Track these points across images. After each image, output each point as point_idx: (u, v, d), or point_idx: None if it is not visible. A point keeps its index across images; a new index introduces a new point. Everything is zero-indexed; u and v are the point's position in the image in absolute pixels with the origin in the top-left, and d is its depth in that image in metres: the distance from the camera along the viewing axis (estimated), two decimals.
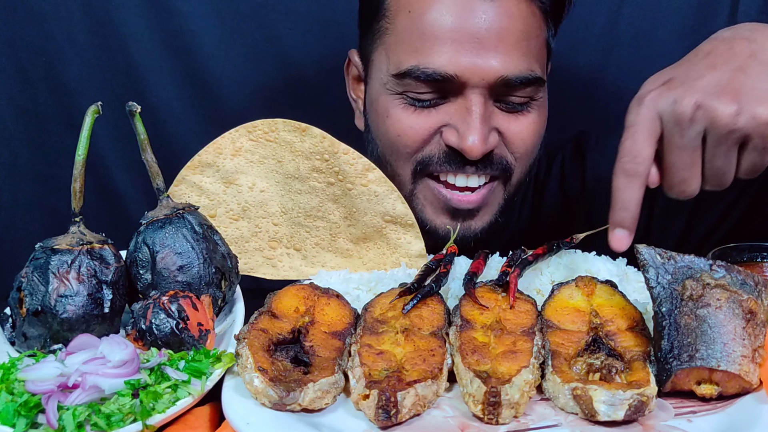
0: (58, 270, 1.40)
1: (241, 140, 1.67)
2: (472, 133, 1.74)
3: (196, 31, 2.39)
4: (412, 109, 1.81)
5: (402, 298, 1.45)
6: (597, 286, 1.48)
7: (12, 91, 2.39)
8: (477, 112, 1.75)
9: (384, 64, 1.84)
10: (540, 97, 1.86)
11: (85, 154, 1.48)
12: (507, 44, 1.75)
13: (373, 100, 1.90)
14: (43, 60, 2.37)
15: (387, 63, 1.83)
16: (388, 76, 1.82)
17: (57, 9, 2.35)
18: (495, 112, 1.80)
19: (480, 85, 1.75)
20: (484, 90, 1.76)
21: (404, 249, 1.71)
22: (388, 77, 1.82)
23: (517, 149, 1.85)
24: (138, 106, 1.53)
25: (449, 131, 1.79)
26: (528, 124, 1.84)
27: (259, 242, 1.73)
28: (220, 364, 1.32)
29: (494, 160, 1.82)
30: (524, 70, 1.77)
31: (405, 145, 1.83)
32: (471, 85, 1.75)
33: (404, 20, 1.80)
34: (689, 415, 1.25)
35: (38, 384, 1.23)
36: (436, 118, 1.80)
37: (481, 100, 1.76)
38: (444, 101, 1.80)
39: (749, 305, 1.30)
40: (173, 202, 1.55)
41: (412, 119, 1.81)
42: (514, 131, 1.83)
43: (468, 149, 1.75)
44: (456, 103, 1.78)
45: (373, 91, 1.90)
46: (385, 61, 1.84)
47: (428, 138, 1.82)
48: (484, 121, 1.75)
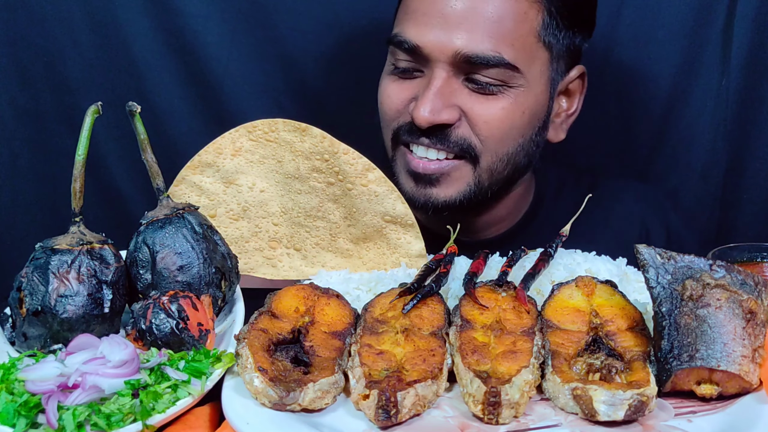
0: (58, 270, 1.40)
1: (241, 140, 1.67)
2: (422, 103, 1.84)
3: (197, 31, 2.39)
4: (394, 78, 1.95)
5: (402, 298, 1.45)
6: (597, 286, 1.48)
7: (12, 90, 2.39)
8: (434, 86, 1.84)
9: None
10: (518, 85, 1.88)
11: (85, 154, 1.48)
12: (471, 23, 1.83)
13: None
14: (43, 60, 2.37)
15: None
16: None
17: (58, 9, 2.34)
18: (461, 90, 1.87)
19: (441, 59, 1.84)
20: (447, 65, 1.85)
21: (404, 249, 1.71)
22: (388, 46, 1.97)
23: (481, 131, 1.89)
24: (138, 106, 1.53)
25: (413, 102, 1.89)
26: (496, 109, 1.88)
27: (259, 242, 1.73)
28: (220, 364, 1.32)
29: (451, 138, 1.88)
30: (487, 51, 1.82)
31: (384, 113, 1.98)
32: (433, 58, 1.85)
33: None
34: (689, 415, 1.25)
35: (38, 384, 1.23)
36: (407, 91, 1.92)
37: (442, 74, 1.85)
38: (418, 75, 1.91)
39: (749, 305, 1.30)
40: (173, 202, 1.55)
41: (392, 88, 1.95)
42: (477, 112, 1.88)
43: (415, 117, 1.85)
44: (425, 77, 1.89)
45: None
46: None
47: (402, 109, 1.93)
48: (438, 94, 1.84)
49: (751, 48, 2.38)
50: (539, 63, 1.92)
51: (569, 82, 2.04)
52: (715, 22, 2.39)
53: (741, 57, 2.39)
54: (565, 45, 1.96)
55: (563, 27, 1.93)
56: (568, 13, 1.93)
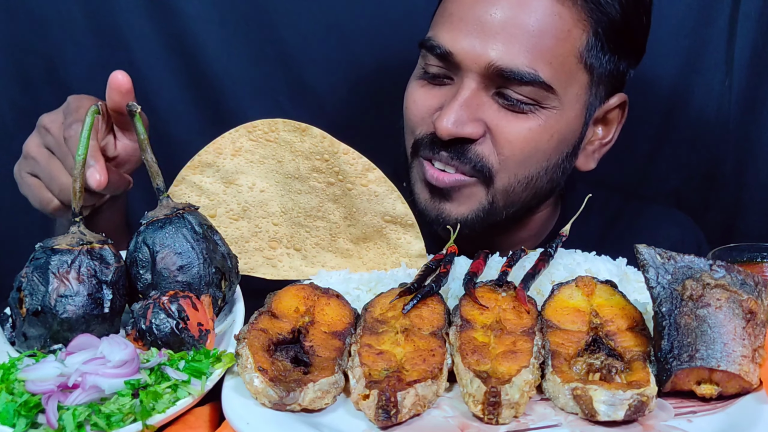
0: (58, 270, 1.40)
1: (241, 140, 1.67)
2: (446, 113, 1.77)
3: (198, 32, 2.39)
4: (423, 83, 1.88)
5: (402, 298, 1.45)
6: (597, 286, 1.48)
7: (13, 92, 2.39)
8: (461, 96, 1.77)
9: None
10: (551, 106, 1.79)
11: (85, 154, 1.48)
12: (509, 35, 1.74)
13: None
14: (44, 61, 2.37)
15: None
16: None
17: (59, 11, 2.35)
18: (488, 104, 1.79)
19: (473, 69, 1.76)
20: (478, 76, 1.77)
21: (404, 249, 1.71)
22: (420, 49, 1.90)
23: (503, 150, 1.80)
24: (138, 106, 1.54)
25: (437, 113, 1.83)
26: (523, 129, 1.79)
27: (259, 242, 1.73)
28: (220, 364, 1.33)
29: (468, 154, 1.80)
30: (522, 66, 1.73)
31: (408, 119, 1.90)
32: (464, 67, 1.77)
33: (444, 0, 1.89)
34: (689, 415, 1.25)
35: (38, 384, 1.23)
36: (435, 99, 1.85)
37: (472, 85, 1.77)
38: (448, 82, 1.84)
39: (749, 305, 1.30)
40: (173, 202, 1.55)
41: (419, 94, 1.88)
42: (502, 130, 1.79)
43: (437, 128, 1.78)
44: (454, 86, 1.82)
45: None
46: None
47: (426, 117, 1.86)
48: (465, 105, 1.77)
49: (754, 47, 2.38)
50: (577, 86, 1.82)
51: (608, 110, 1.94)
52: (718, 21, 2.39)
53: (744, 56, 2.39)
54: (608, 70, 1.86)
55: (608, 50, 1.83)
56: (615, 36, 1.82)
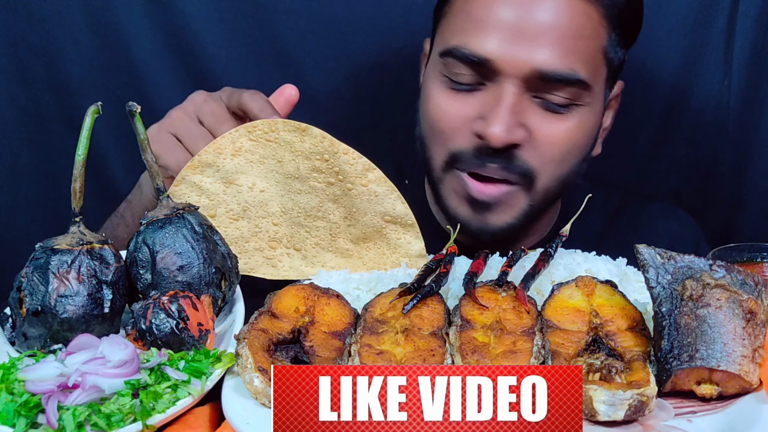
0: (58, 270, 1.40)
1: (241, 140, 1.67)
2: (497, 121, 1.74)
3: (197, 31, 2.39)
4: (450, 93, 1.83)
5: (402, 298, 1.45)
6: (597, 286, 1.48)
7: (13, 91, 2.39)
8: (506, 102, 1.75)
9: (438, 46, 1.89)
10: (586, 103, 1.81)
11: (85, 154, 1.48)
12: (550, 38, 1.74)
13: (425, 80, 1.94)
14: (43, 60, 2.37)
15: (438, 44, 1.87)
16: (436, 56, 1.86)
17: (58, 9, 2.34)
18: (530, 108, 1.79)
19: (514, 74, 1.75)
20: (519, 81, 1.75)
21: (404, 249, 1.71)
22: (436, 57, 1.86)
23: (545, 153, 1.81)
24: (138, 106, 1.53)
25: (479, 121, 1.79)
26: (563, 129, 1.80)
27: (259, 242, 1.73)
28: (220, 364, 1.33)
29: (516, 161, 1.80)
30: (562, 68, 1.75)
31: (440, 131, 1.85)
32: (505, 73, 1.75)
33: (459, 3, 1.85)
34: (689, 415, 1.25)
35: (38, 384, 1.23)
36: (470, 107, 1.81)
37: (514, 90, 1.75)
38: (481, 88, 1.80)
39: (749, 305, 1.30)
40: (173, 202, 1.55)
41: (449, 105, 1.83)
42: (545, 132, 1.79)
43: (490, 136, 1.75)
44: (490, 91, 1.79)
45: (427, 71, 1.94)
46: (439, 42, 1.88)
47: (461, 127, 1.82)
48: (512, 111, 1.75)
49: (753, 47, 2.38)
50: (601, 80, 1.86)
51: (613, 98, 2.00)
52: (717, 21, 2.39)
53: (743, 57, 2.39)
54: (620, 60, 1.92)
55: (621, 43, 1.88)
56: (625, 27, 1.88)
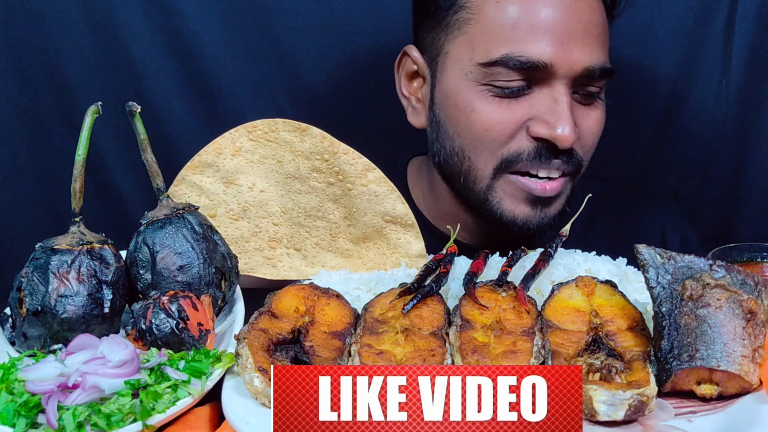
0: (58, 270, 1.40)
1: (241, 140, 1.67)
2: (563, 122, 1.77)
3: (196, 31, 2.39)
4: (498, 100, 1.82)
5: (402, 298, 1.45)
6: (597, 286, 1.48)
7: (12, 91, 2.39)
8: (565, 102, 1.78)
9: (466, 54, 1.84)
10: (602, 95, 1.90)
11: (85, 154, 1.48)
12: (592, 36, 1.81)
13: (450, 93, 1.88)
14: (42, 60, 2.36)
15: (471, 53, 1.83)
16: (473, 65, 1.82)
17: (57, 9, 2.34)
18: (573, 104, 1.84)
19: (567, 75, 1.78)
20: (570, 81, 1.80)
21: (404, 249, 1.71)
22: (473, 66, 1.82)
23: (587, 143, 1.88)
24: (138, 106, 1.53)
25: (537, 123, 1.80)
26: (596, 119, 1.89)
27: (259, 242, 1.73)
28: (220, 364, 1.33)
29: (574, 155, 1.85)
30: (604, 62, 1.83)
31: (492, 140, 1.83)
32: (559, 75, 1.78)
33: (492, 10, 1.82)
34: (689, 415, 1.25)
35: (38, 384, 1.23)
36: (522, 111, 1.81)
37: (567, 90, 1.80)
38: (529, 92, 1.81)
39: (749, 305, 1.30)
40: (173, 202, 1.55)
41: (500, 113, 1.82)
42: (587, 125, 1.86)
43: (561, 138, 1.77)
44: (541, 94, 1.80)
45: (450, 83, 1.89)
46: (468, 50, 1.84)
47: (514, 132, 1.82)
48: (570, 111, 1.79)
49: (752, 47, 2.38)
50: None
51: None
52: (716, 20, 2.39)
53: (742, 56, 2.39)
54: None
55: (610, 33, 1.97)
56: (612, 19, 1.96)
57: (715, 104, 2.45)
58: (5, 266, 2.28)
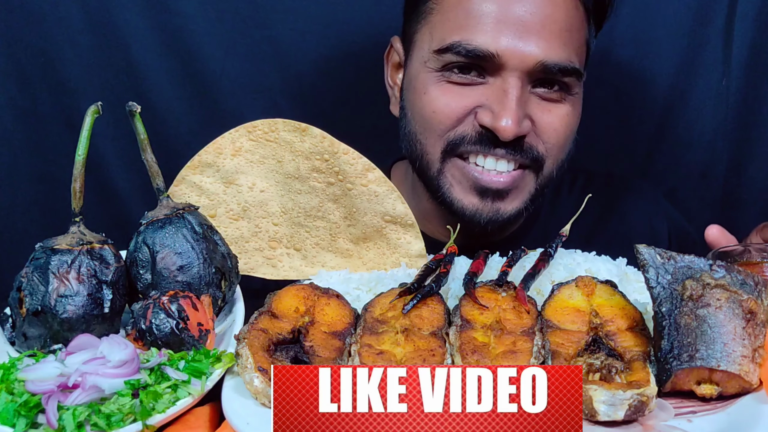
0: (58, 270, 1.40)
1: (241, 140, 1.67)
2: (506, 114, 1.77)
3: (195, 31, 2.39)
4: (450, 86, 1.84)
5: (402, 298, 1.45)
6: (597, 286, 1.48)
7: (11, 91, 2.39)
8: (513, 95, 1.78)
9: (426, 42, 1.88)
10: (576, 93, 1.88)
11: (85, 154, 1.48)
12: (549, 31, 1.79)
13: (412, 78, 1.93)
14: (42, 60, 2.36)
15: (430, 40, 1.87)
16: (430, 53, 1.86)
17: (56, 9, 2.34)
18: (531, 99, 1.83)
19: (519, 68, 1.78)
20: (522, 74, 1.79)
21: (404, 249, 1.71)
22: (430, 54, 1.86)
23: (549, 139, 1.86)
24: (138, 106, 1.53)
25: (484, 112, 1.81)
26: (561, 116, 1.86)
27: (259, 242, 1.73)
28: (220, 364, 1.33)
29: (524, 148, 1.84)
30: (563, 59, 1.80)
31: (439, 122, 1.86)
32: (510, 67, 1.78)
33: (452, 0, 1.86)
34: (689, 415, 1.25)
35: (38, 384, 1.23)
36: (472, 98, 1.83)
37: (518, 83, 1.79)
38: (481, 81, 1.83)
39: (749, 305, 1.30)
40: (173, 202, 1.55)
41: (449, 97, 1.84)
42: (547, 121, 1.85)
43: (501, 129, 1.77)
44: (493, 85, 1.81)
45: (413, 69, 1.94)
46: (428, 39, 1.88)
47: (462, 117, 1.84)
48: (519, 104, 1.78)
49: (751, 47, 2.38)
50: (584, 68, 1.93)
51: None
52: (716, 21, 2.39)
53: (741, 56, 2.39)
54: (593, 50, 1.99)
55: (595, 33, 1.96)
56: (600, 20, 1.96)
57: (715, 104, 2.45)
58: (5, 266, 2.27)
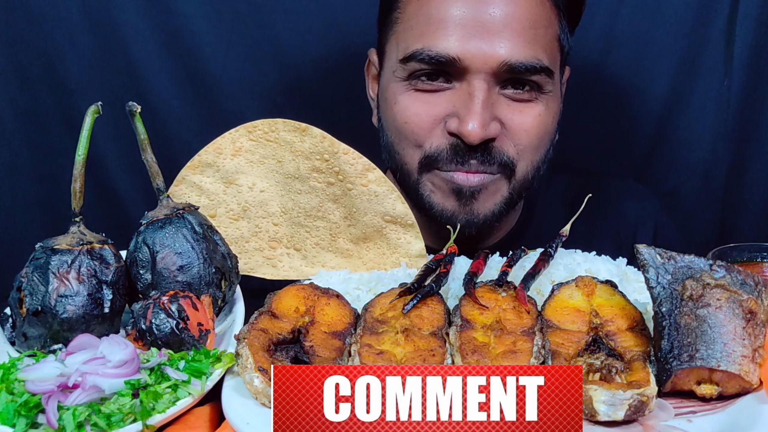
0: (58, 270, 1.40)
1: (241, 140, 1.67)
2: (472, 118, 1.75)
3: (195, 31, 2.39)
4: (418, 94, 1.84)
5: (402, 298, 1.45)
6: (597, 286, 1.48)
7: (12, 91, 2.39)
8: (479, 98, 1.76)
9: (394, 52, 1.88)
10: (549, 91, 1.85)
11: (85, 154, 1.48)
12: (512, 31, 1.77)
13: (384, 89, 1.93)
14: (42, 60, 2.37)
15: (396, 50, 1.87)
16: (396, 62, 1.86)
17: (56, 9, 2.34)
18: (499, 100, 1.81)
19: (483, 70, 1.76)
20: (488, 76, 1.77)
21: (404, 249, 1.71)
22: (397, 64, 1.86)
23: (520, 141, 1.84)
24: (138, 106, 1.53)
25: (451, 119, 1.80)
26: (533, 116, 1.84)
27: (259, 242, 1.73)
28: (220, 364, 1.33)
29: (494, 153, 1.82)
30: (529, 58, 1.78)
31: (411, 132, 1.85)
32: (474, 70, 1.77)
33: (413, 8, 1.85)
34: (689, 415, 1.25)
35: (38, 384, 1.23)
36: (440, 106, 1.82)
37: (484, 86, 1.77)
38: (448, 87, 1.82)
39: (749, 305, 1.30)
40: (173, 202, 1.55)
41: (418, 106, 1.84)
42: (517, 122, 1.82)
43: (467, 134, 1.76)
44: (460, 89, 1.80)
45: (384, 80, 1.94)
46: (395, 48, 1.88)
47: (432, 127, 1.83)
48: (485, 107, 1.77)
49: (753, 48, 2.38)
50: (558, 67, 1.91)
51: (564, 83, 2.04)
52: (717, 21, 2.39)
53: (743, 57, 2.39)
54: (568, 47, 1.96)
55: (569, 30, 1.94)
56: (574, 17, 1.94)
57: (716, 105, 2.45)
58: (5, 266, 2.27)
